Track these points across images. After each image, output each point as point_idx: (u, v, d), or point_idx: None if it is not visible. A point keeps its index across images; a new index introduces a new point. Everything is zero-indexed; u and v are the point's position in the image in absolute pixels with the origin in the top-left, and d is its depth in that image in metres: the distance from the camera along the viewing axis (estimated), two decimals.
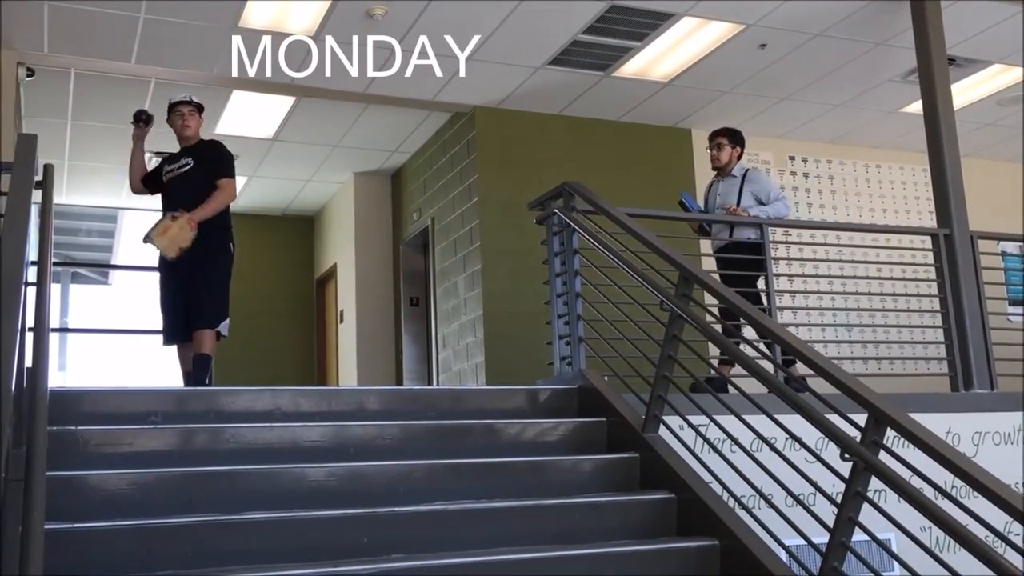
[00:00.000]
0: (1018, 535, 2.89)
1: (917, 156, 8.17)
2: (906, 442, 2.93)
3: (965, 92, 7.94)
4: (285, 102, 7.86)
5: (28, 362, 2.89)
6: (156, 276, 5.34)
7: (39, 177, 3.71)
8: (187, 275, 5.15)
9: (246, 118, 8.14)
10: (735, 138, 6.22)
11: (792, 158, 9.07)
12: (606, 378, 4.65)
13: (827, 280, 7.59)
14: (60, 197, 9.40)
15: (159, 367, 10.15)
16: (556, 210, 5.03)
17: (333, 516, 3.31)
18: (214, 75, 7.09)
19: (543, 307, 5.19)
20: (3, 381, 1.92)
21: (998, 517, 2.62)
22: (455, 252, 8.17)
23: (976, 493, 2.68)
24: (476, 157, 7.89)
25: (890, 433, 3.01)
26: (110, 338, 10.69)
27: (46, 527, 2.02)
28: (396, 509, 3.43)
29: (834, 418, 3.21)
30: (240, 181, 9.63)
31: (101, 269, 11.48)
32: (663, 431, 4.10)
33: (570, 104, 8.00)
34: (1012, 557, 2.63)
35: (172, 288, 5.22)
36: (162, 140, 5.99)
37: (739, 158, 6.23)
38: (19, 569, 1.68)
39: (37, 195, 3.58)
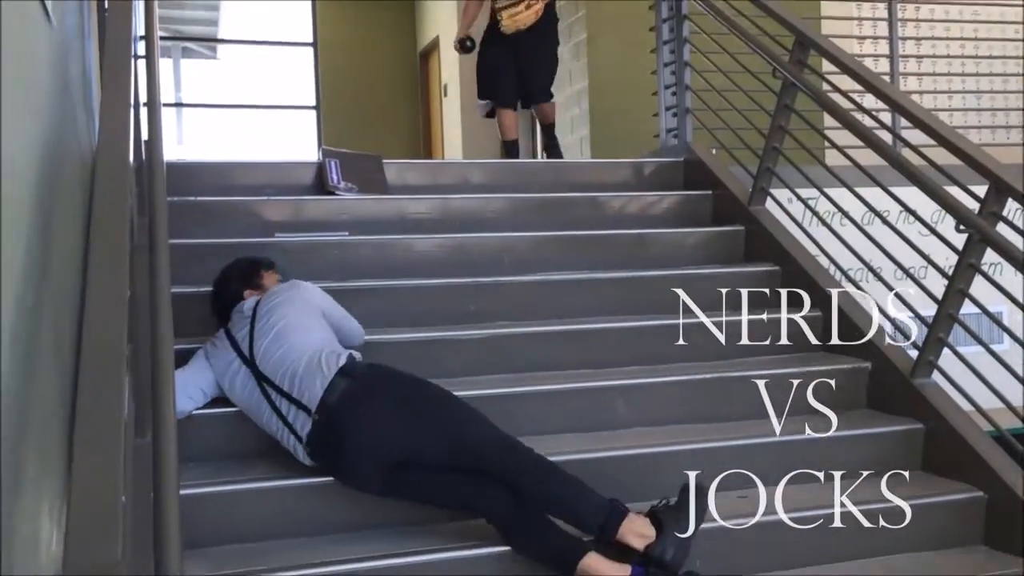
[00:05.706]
0: None
1: None
2: None
3: None
4: None
5: (144, 136, 2.98)
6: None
7: None
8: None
9: None
10: None
11: None
12: (714, 151, 4.54)
13: (959, 43, 7.06)
14: None
15: (270, 141, 10.39)
16: None
17: (440, 285, 3.44)
18: None
19: (651, 78, 5.01)
20: (118, 150, 1.99)
21: None
22: (560, 21, 7.88)
23: None
24: None
25: (1011, 205, 2.88)
26: (224, 113, 10.86)
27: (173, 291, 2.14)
28: (500, 279, 3.54)
29: (953, 191, 3.08)
30: None
31: (209, 44, 11.52)
32: (770, 204, 4.03)
33: None
34: None
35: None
36: None
37: None
38: (151, 326, 1.81)
39: None
